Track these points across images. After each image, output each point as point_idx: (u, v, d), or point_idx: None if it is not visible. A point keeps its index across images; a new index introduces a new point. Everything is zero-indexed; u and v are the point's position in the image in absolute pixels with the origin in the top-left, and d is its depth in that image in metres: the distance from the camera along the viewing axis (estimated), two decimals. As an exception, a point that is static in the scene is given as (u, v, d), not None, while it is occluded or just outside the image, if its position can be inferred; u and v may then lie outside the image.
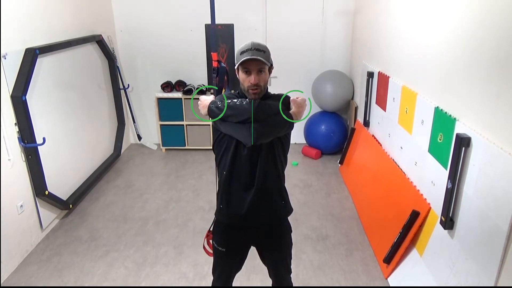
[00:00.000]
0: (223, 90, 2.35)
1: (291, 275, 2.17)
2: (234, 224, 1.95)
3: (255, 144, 1.75)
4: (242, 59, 1.70)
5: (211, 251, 2.13)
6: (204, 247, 2.21)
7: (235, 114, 1.74)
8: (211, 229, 2.12)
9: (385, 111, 3.59)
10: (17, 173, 3.01)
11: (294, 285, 2.25)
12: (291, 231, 2.09)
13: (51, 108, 3.49)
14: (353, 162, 4.31)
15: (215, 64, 2.22)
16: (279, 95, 1.88)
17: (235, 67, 1.78)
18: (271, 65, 1.80)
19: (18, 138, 3.01)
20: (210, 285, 2.75)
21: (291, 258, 2.13)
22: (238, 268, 2.11)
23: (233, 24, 4.96)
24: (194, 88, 5.06)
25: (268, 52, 1.77)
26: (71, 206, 3.65)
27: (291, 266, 2.16)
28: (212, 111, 1.80)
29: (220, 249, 1.99)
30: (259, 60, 1.69)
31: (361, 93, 4.42)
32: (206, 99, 1.86)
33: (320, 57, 5.12)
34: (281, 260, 2.07)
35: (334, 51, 5.08)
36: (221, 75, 2.21)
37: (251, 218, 1.89)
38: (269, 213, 1.92)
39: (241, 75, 1.77)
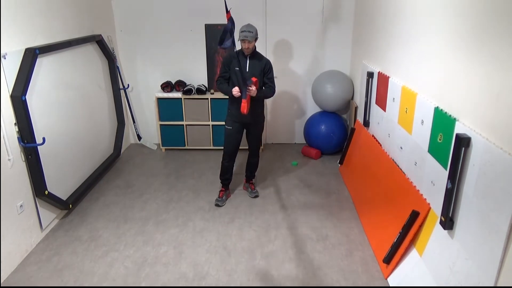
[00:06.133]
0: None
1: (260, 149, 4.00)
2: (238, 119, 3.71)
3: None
4: (240, 38, 3.40)
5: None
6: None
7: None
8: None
9: (385, 111, 3.59)
10: (17, 173, 3.01)
11: (294, 285, 2.56)
12: (263, 120, 3.87)
13: (51, 108, 3.49)
14: (353, 162, 4.31)
15: (228, 16, 3.30)
16: (262, 57, 3.60)
17: (238, 39, 3.43)
18: (256, 38, 3.47)
19: (18, 138, 3.01)
20: (209, 285, 2.77)
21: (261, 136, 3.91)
22: (239, 142, 3.81)
23: (233, 24, 4.96)
24: (194, 88, 5.06)
25: (255, 31, 3.43)
26: (71, 206, 3.65)
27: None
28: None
29: (228, 127, 3.74)
30: (248, 39, 3.39)
31: (361, 93, 4.42)
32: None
33: (320, 57, 5.12)
34: (256, 136, 3.82)
35: (334, 51, 5.08)
36: (231, 28, 3.28)
37: (245, 118, 3.62)
38: (252, 116, 3.64)
39: (240, 42, 3.46)
